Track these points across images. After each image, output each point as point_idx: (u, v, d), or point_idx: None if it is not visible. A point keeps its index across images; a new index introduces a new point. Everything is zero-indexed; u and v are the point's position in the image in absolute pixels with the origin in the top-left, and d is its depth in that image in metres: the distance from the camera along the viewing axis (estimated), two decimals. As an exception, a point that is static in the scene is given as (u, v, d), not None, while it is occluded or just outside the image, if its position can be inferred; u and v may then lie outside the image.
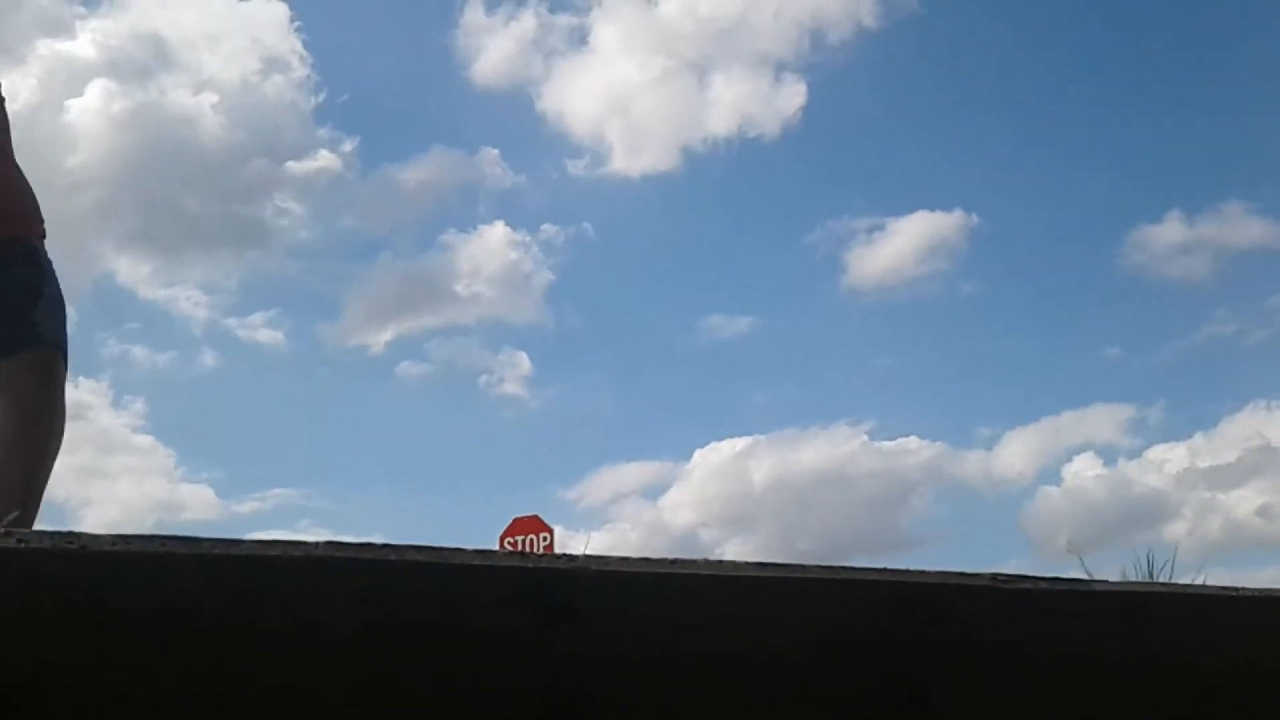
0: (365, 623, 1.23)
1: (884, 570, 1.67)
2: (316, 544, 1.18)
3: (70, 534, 1.12)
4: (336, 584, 1.20)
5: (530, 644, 1.30)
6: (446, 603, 1.26)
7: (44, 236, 2.76)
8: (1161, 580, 3.36)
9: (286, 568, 1.16)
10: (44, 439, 2.44)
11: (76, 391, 15.80)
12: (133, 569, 1.10)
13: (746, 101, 21.42)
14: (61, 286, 2.67)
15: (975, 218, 18.01)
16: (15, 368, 2.48)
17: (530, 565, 1.27)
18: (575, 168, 18.85)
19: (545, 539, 11.11)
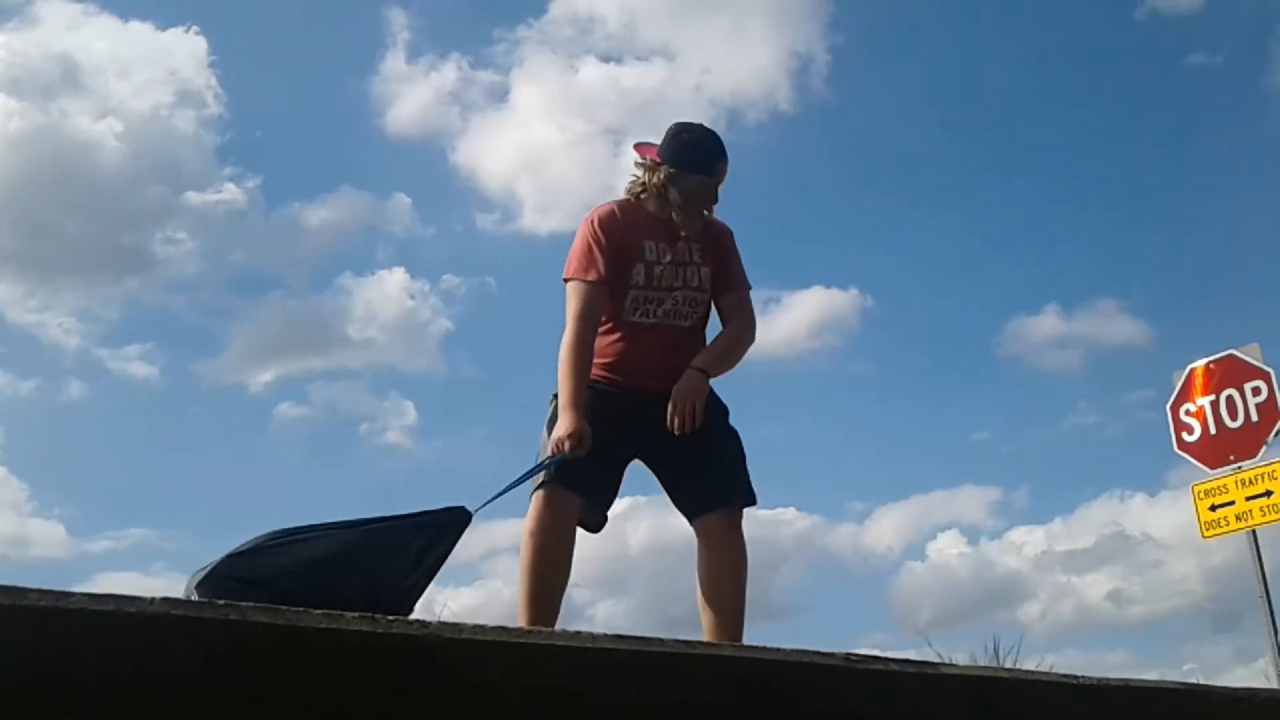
0: (208, 685, 1.17)
1: (740, 646, 1.68)
2: (153, 600, 1.13)
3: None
4: (175, 643, 1.15)
5: (377, 714, 1.26)
6: (291, 667, 1.22)
7: None
8: (1007, 664, 3.45)
9: (121, 625, 1.11)
10: (740, 584, 2.75)
11: (-72, 418, 14.89)
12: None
13: (657, 172, 21.84)
14: None
15: (869, 298, 18.69)
16: (728, 520, 2.75)
17: (380, 630, 1.23)
18: (485, 222, 18.84)
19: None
